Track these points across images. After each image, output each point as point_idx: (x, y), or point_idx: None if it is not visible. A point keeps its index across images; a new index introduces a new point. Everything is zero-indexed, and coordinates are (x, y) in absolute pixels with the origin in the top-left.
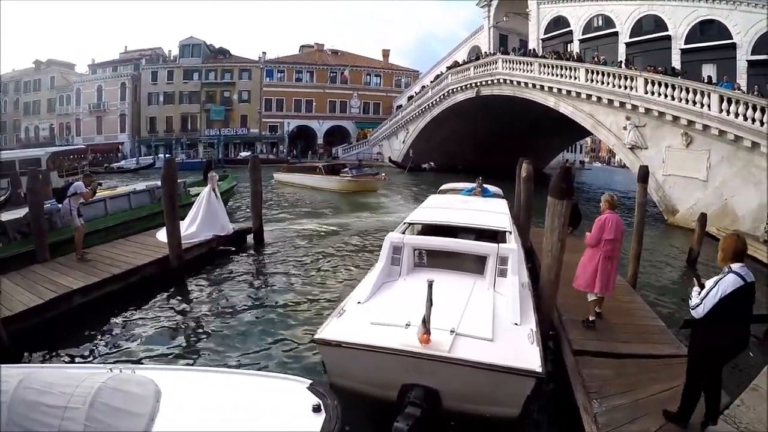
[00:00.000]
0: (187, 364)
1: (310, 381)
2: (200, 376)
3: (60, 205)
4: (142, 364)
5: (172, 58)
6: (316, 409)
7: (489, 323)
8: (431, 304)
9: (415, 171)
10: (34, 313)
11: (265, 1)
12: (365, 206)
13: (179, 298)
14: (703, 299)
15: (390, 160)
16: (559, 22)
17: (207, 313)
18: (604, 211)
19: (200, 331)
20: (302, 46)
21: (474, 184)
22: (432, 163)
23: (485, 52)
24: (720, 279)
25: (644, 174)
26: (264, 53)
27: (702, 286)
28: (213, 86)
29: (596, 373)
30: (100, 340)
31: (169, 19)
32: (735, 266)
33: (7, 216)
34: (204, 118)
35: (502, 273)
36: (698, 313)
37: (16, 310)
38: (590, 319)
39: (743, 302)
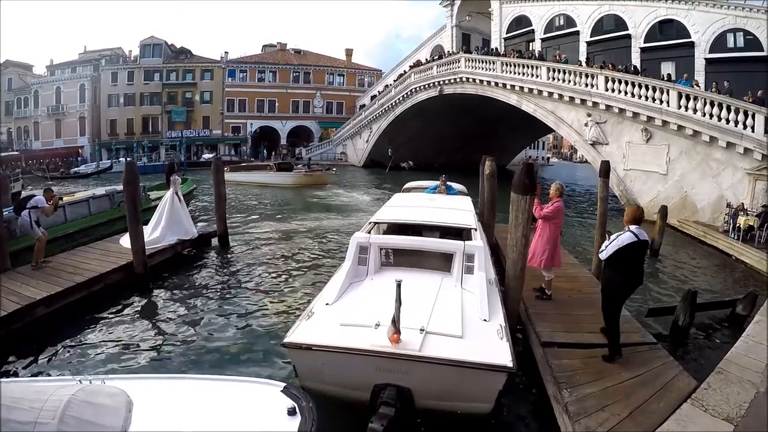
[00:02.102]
0: (158, 372)
1: (284, 384)
2: (172, 384)
3: (18, 217)
4: (111, 374)
5: (132, 58)
6: (292, 412)
7: (458, 320)
8: (400, 304)
9: (394, 170)
10: None
11: (226, 0)
12: (328, 206)
13: (145, 304)
14: (607, 247)
15: (371, 160)
16: (521, 21)
17: (175, 319)
18: (555, 198)
19: (169, 337)
20: (265, 46)
21: (438, 182)
22: (411, 163)
23: (448, 51)
24: (619, 234)
25: (605, 169)
26: (226, 53)
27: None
28: (174, 87)
29: (565, 363)
30: (67, 351)
31: (129, 19)
32: (632, 227)
33: None
34: (165, 119)
35: (469, 270)
36: (602, 256)
37: None
38: (548, 292)
39: (636, 253)
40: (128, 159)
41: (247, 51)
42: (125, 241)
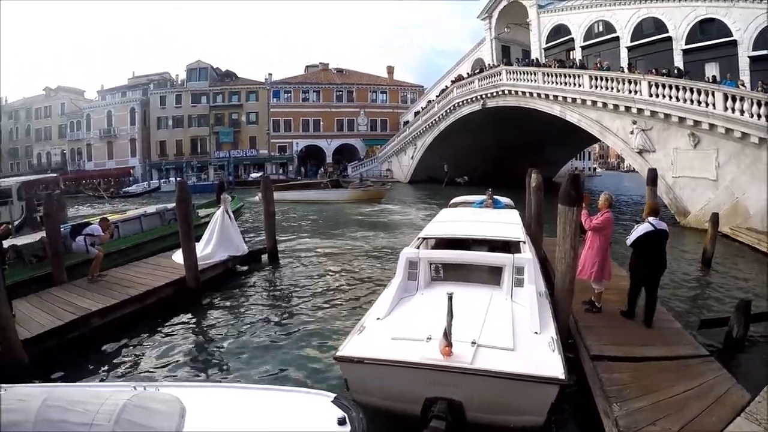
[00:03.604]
0: (210, 382)
1: (334, 395)
2: (224, 392)
3: (74, 241)
4: (165, 381)
5: (179, 82)
6: (342, 422)
7: (509, 333)
8: (452, 317)
9: (450, 185)
10: (54, 335)
11: (267, 19)
12: (378, 223)
13: (198, 317)
14: (629, 236)
15: (427, 176)
16: (559, 30)
17: (226, 331)
18: (604, 209)
19: (220, 349)
20: (307, 66)
21: (485, 196)
22: (466, 178)
23: (489, 64)
24: (639, 225)
25: (653, 177)
26: (270, 74)
27: None
28: (221, 109)
29: (615, 377)
30: (121, 359)
31: (175, 44)
32: (650, 219)
33: (23, 240)
34: (213, 140)
35: (519, 283)
36: (627, 242)
37: (35, 332)
38: (598, 305)
39: (655, 241)
40: (179, 179)
41: (290, 72)
42: (177, 256)
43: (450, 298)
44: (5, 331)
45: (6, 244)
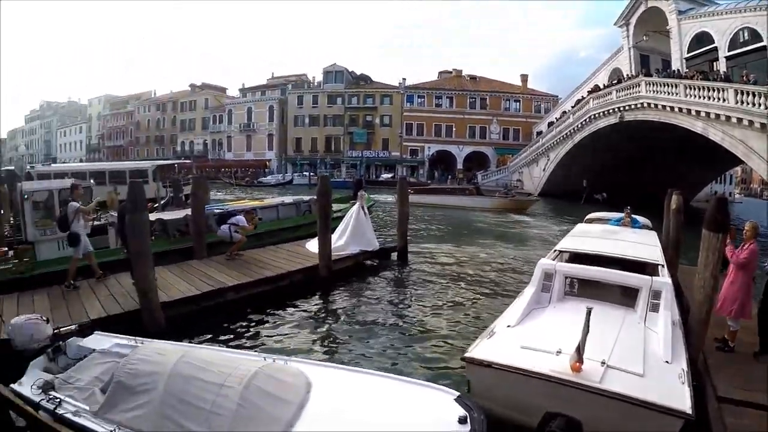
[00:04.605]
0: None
1: (458, 393)
2: (350, 375)
3: (220, 228)
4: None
5: (316, 83)
6: (462, 420)
7: (640, 358)
8: (587, 332)
9: (588, 202)
10: (190, 302)
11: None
12: (509, 233)
13: (326, 304)
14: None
15: (563, 191)
16: (702, 38)
17: (352, 319)
18: (750, 240)
19: (345, 335)
20: (441, 72)
21: (622, 214)
22: (605, 194)
23: (626, 75)
24: None
25: None
26: (404, 79)
27: None
28: (356, 110)
29: (741, 422)
30: (250, 332)
31: (312, 48)
32: None
33: (169, 216)
34: (347, 140)
35: (654, 307)
36: (764, 268)
37: (174, 297)
38: (731, 344)
39: None
40: (316, 174)
41: (424, 77)
42: (311, 245)
43: (588, 313)
44: (148, 293)
45: (152, 218)
